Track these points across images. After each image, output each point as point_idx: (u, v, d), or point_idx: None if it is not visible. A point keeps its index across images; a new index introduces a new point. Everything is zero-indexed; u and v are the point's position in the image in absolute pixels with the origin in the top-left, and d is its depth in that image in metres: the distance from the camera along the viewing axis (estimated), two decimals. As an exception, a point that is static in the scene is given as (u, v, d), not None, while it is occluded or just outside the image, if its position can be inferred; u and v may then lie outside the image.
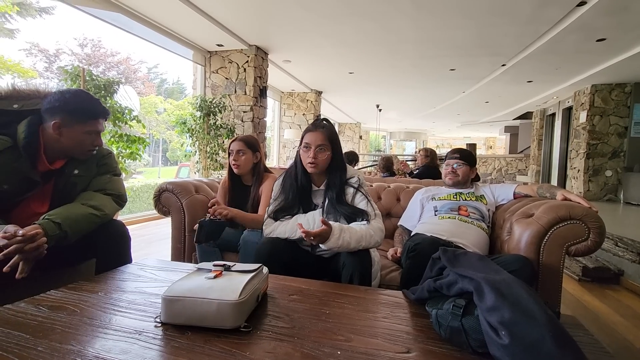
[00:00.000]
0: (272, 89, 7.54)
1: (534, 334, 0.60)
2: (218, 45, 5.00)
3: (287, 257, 1.31)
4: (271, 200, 1.50)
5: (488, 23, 4.03)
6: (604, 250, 3.00)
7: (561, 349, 0.58)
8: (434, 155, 4.19)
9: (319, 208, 1.44)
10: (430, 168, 4.00)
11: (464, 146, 5.46)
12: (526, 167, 10.70)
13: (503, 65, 5.66)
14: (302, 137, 1.43)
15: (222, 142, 4.92)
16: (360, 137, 13.70)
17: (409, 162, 5.89)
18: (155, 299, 0.92)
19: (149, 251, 3.06)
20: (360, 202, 1.40)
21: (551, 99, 8.19)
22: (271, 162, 8.34)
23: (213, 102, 4.82)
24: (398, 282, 1.46)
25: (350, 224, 1.34)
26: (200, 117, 4.76)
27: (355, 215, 1.36)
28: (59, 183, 1.28)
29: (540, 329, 0.60)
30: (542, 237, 1.33)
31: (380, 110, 10.38)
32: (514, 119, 11.51)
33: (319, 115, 8.25)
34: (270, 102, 7.77)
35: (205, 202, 1.95)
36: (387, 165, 4.17)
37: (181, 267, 1.26)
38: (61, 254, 1.19)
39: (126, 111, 3.41)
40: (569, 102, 7.70)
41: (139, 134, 3.65)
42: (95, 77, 3.27)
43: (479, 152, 14.60)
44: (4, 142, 1.16)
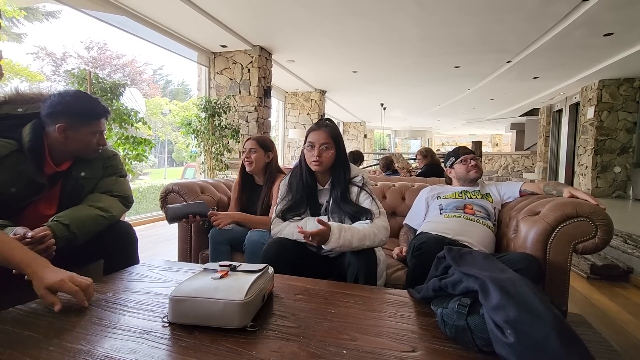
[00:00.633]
0: (276, 89, 7.55)
1: (539, 333, 0.60)
2: (222, 46, 5.02)
3: (293, 257, 1.32)
4: (278, 200, 1.51)
5: (492, 19, 4.00)
6: (613, 248, 2.97)
7: (567, 347, 0.57)
8: (431, 153, 4.27)
9: (324, 208, 1.44)
10: (433, 166, 4.03)
11: (470, 144, 5.43)
12: (533, 164, 10.61)
13: (508, 61, 5.62)
14: (306, 137, 1.45)
15: (227, 143, 4.95)
16: (365, 136, 13.68)
17: (410, 162, 5.94)
18: (162, 299, 0.93)
19: (156, 252, 3.09)
20: (365, 200, 1.40)
21: (558, 95, 8.10)
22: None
23: (218, 103, 4.85)
24: (403, 281, 1.46)
25: (355, 223, 1.35)
26: (205, 118, 4.79)
27: (360, 214, 1.37)
28: (66, 186, 1.30)
29: (546, 327, 0.60)
30: (549, 235, 1.32)
31: (384, 108, 10.35)
32: (520, 116, 11.40)
33: (323, 115, 8.25)
34: (275, 102, 7.80)
35: (211, 203, 1.96)
36: (387, 164, 4.41)
37: (188, 267, 1.28)
38: (69, 255, 1.21)
39: (132, 113, 3.44)
40: (576, 97, 7.61)
41: (145, 136, 3.69)
42: (101, 80, 3.31)
43: (484, 149, 14.49)
44: (10, 145, 1.17)
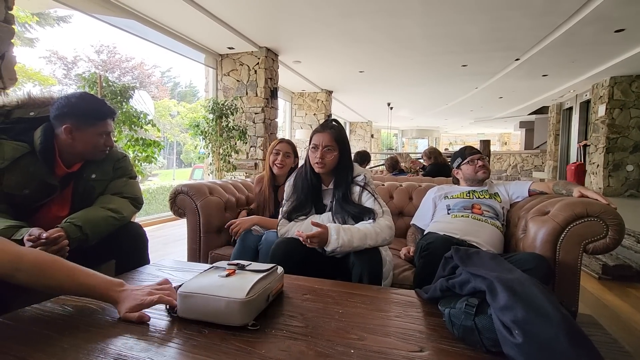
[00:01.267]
0: (282, 90, 7.58)
1: (548, 333, 0.60)
2: (229, 48, 5.07)
3: (301, 256, 1.33)
4: (284, 200, 1.53)
5: (500, 17, 3.96)
6: (625, 248, 2.92)
7: (576, 348, 0.57)
8: (435, 153, 4.26)
9: (328, 209, 1.45)
10: (438, 165, 4.01)
11: (478, 143, 5.38)
12: (542, 163, 10.46)
13: (517, 59, 5.56)
14: (311, 138, 1.46)
15: (235, 144, 4.99)
16: (372, 136, 13.65)
17: (419, 159, 5.91)
18: (173, 299, 0.95)
19: (165, 252, 3.13)
20: (367, 200, 1.41)
21: (568, 93, 7.98)
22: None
23: (225, 104, 4.89)
24: (411, 281, 1.46)
25: (358, 223, 1.36)
26: (212, 120, 4.84)
27: (362, 214, 1.37)
28: (77, 187, 1.32)
29: (554, 327, 0.60)
30: (558, 235, 1.30)
31: (391, 108, 10.31)
32: (529, 114, 11.26)
33: (329, 115, 8.25)
34: (281, 103, 7.83)
35: (219, 204, 1.99)
36: (393, 165, 4.41)
37: (197, 267, 1.29)
38: (82, 256, 1.23)
39: (141, 115, 3.49)
40: (586, 95, 7.49)
41: (154, 138, 3.74)
42: (112, 83, 3.36)
43: (493, 148, 14.33)
44: (23, 148, 1.21)
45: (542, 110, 10.41)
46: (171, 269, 1.23)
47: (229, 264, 0.95)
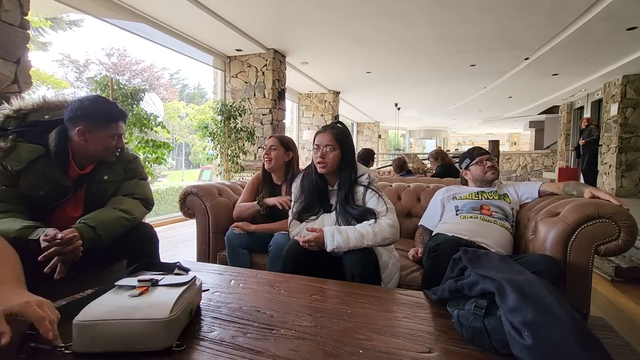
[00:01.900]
0: (290, 91, 7.61)
1: (558, 335, 0.60)
2: (237, 50, 5.11)
3: (313, 258, 1.34)
4: (292, 202, 1.54)
5: (509, 16, 3.92)
6: (639, 250, 2.86)
7: (586, 351, 0.57)
8: (442, 154, 4.22)
9: (334, 210, 1.46)
10: (446, 166, 3.98)
11: (486, 143, 5.33)
12: (553, 163, 10.31)
13: (526, 59, 5.49)
14: (314, 139, 1.48)
15: (243, 145, 5.02)
16: (379, 137, 13.61)
17: (425, 162, 5.89)
18: (183, 298, 0.96)
19: (175, 252, 3.16)
20: (371, 199, 1.42)
21: (579, 92, 7.86)
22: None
23: (233, 106, 4.93)
24: (419, 282, 1.45)
25: (359, 224, 1.37)
26: (221, 121, 4.88)
27: (364, 216, 1.38)
28: (90, 189, 1.35)
29: (565, 329, 0.59)
30: (569, 237, 1.29)
31: (399, 108, 10.27)
32: (539, 114, 11.11)
33: (336, 116, 8.26)
34: (289, 104, 7.86)
35: (228, 205, 2.01)
36: (400, 165, 4.40)
37: (206, 267, 1.31)
38: (95, 256, 1.26)
39: (151, 117, 3.54)
40: (598, 94, 7.37)
41: (163, 139, 3.78)
42: (122, 86, 3.42)
43: (502, 148, 14.17)
44: (38, 150, 1.24)
45: (553, 110, 10.27)
46: (181, 269, 1.25)
47: (139, 280, 0.82)
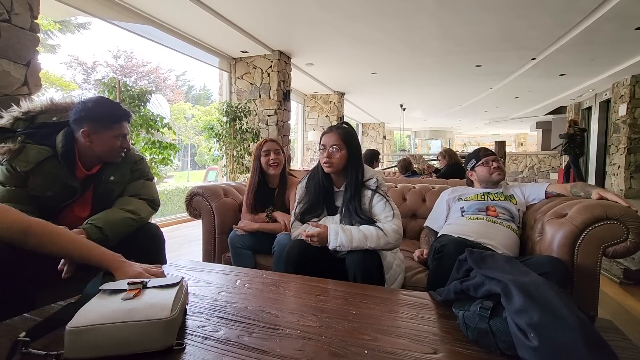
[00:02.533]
0: (295, 92, 7.63)
1: (564, 337, 0.59)
2: (243, 51, 5.14)
3: (315, 258, 1.34)
4: (296, 202, 1.54)
5: (515, 16, 3.89)
6: (648, 252, 2.81)
7: (593, 353, 0.56)
8: (451, 153, 4.21)
9: (339, 212, 1.46)
10: (454, 165, 3.97)
11: (492, 144, 5.30)
12: (560, 164, 10.20)
13: (533, 59, 5.45)
14: (320, 140, 1.49)
15: (248, 146, 5.05)
16: (385, 137, 13.58)
17: (432, 162, 5.86)
18: (190, 298, 0.97)
19: (180, 252, 3.18)
20: (378, 203, 1.41)
21: (587, 92, 7.78)
22: (295, 164, 8.45)
23: (239, 107, 4.96)
24: (424, 283, 1.45)
25: (365, 225, 1.37)
26: (226, 122, 4.91)
27: (368, 221, 1.39)
28: (97, 189, 1.37)
29: (571, 331, 0.59)
30: (576, 238, 1.28)
31: (404, 109, 10.25)
32: (546, 114, 11.02)
33: (342, 117, 8.27)
34: (294, 105, 7.87)
35: (234, 205, 2.02)
36: (406, 166, 4.39)
37: (213, 267, 1.32)
38: (103, 256, 1.28)
39: (158, 119, 3.57)
40: (606, 94, 7.28)
41: (170, 140, 3.81)
42: (130, 88, 3.46)
43: (508, 149, 14.04)
44: (45, 152, 1.26)
45: (560, 110, 10.17)
46: (188, 269, 1.26)
47: (129, 284, 0.80)
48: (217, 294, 1.02)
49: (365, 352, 0.71)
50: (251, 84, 5.37)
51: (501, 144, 5.17)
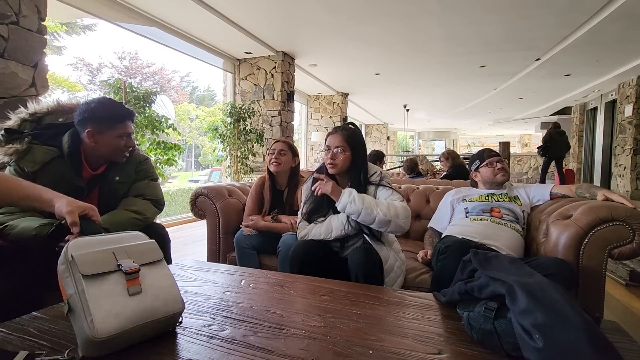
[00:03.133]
0: (299, 93, 7.65)
1: (569, 338, 0.59)
2: (247, 52, 5.16)
3: (320, 258, 1.35)
4: (302, 203, 1.55)
5: (520, 16, 3.88)
6: (655, 254, 2.79)
7: (598, 354, 0.56)
8: (453, 154, 4.19)
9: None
10: (457, 167, 3.95)
11: (497, 145, 5.27)
12: (565, 165, 10.13)
13: (537, 59, 5.42)
14: (325, 141, 1.50)
15: (252, 147, 5.07)
16: (388, 138, 13.55)
17: (434, 163, 5.84)
18: (195, 298, 0.98)
19: (185, 252, 3.20)
20: (381, 191, 1.43)
21: (592, 93, 7.72)
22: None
23: (243, 108, 4.98)
24: (428, 284, 1.45)
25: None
26: (230, 123, 4.93)
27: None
28: (103, 190, 1.39)
29: (576, 332, 0.59)
30: (582, 240, 1.27)
31: (407, 110, 10.22)
32: (551, 115, 10.93)
33: (345, 118, 8.27)
34: (297, 106, 7.89)
35: (238, 206, 2.03)
36: (412, 167, 4.36)
37: (218, 267, 1.33)
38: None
39: (163, 119, 3.60)
40: (612, 95, 7.23)
41: (174, 141, 3.84)
42: (135, 89, 3.48)
43: (513, 150, 13.98)
44: (52, 152, 1.28)
45: (565, 111, 10.10)
46: (193, 268, 1.27)
47: (126, 273, 0.74)
48: (223, 293, 1.03)
49: (370, 352, 0.72)
50: (255, 84, 5.39)
51: (505, 145, 5.15)
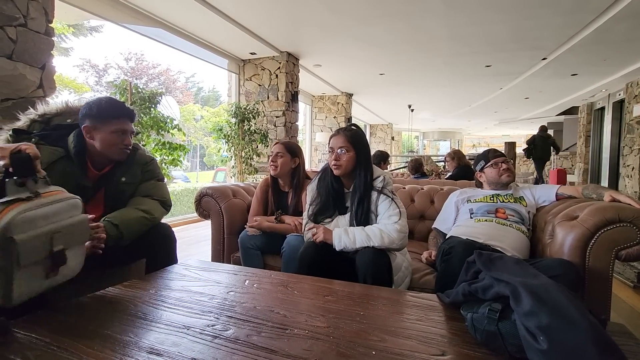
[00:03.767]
0: (303, 94, 7.65)
1: (574, 340, 0.59)
2: (251, 53, 5.18)
3: (329, 259, 1.36)
4: (307, 204, 1.55)
5: (525, 16, 3.85)
6: (663, 255, 2.75)
7: (604, 356, 0.56)
8: (459, 154, 4.16)
9: (349, 212, 1.47)
10: (463, 167, 3.93)
11: (502, 145, 5.24)
12: (572, 165, 10.04)
13: (544, 59, 5.37)
14: (329, 142, 1.50)
15: (256, 147, 5.08)
16: (393, 138, 13.52)
17: (439, 164, 5.81)
18: (200, 297, 0.99)
19: (189, 252, 3.22)
20: (382, 202, 1.42)
21: (599, 92, 7.64)
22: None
23: (247, 108, 5.00)
24: (432, 285, 1.44)
25: (369, 225, 1.40)
26: (235, 124, 4.95)
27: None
28: (109, 190, 1.40)
29: (581, 334, 0.59)
30: (588, 241, 1.26)
31: (412, 110, 10.19)
32: (558, 115, 10.84)
33: (349, 118, 8.26)
34: (302, 106, 7.89)
35: (242, 206, 2.04)
36: (416, 167, 4.34)
37: (222, 267, 1.34)
38: (115, 255, 1.30)
39: (168, 120, 3.62)
40: (620, 94, 7.14)
41: (179, 141, 3.86)
42: (141, 90, 3.51)
43: (519, 150, 13.84)
44: (58, 152, 1.30)
45: (572, 111, 10.00)
46: (198, 268, 1.28)
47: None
48: (227, 293, 1.03)
49: (373, 352, 0.72)
50: (259, 85, 5.41)
51: (511, 145, 5.12)
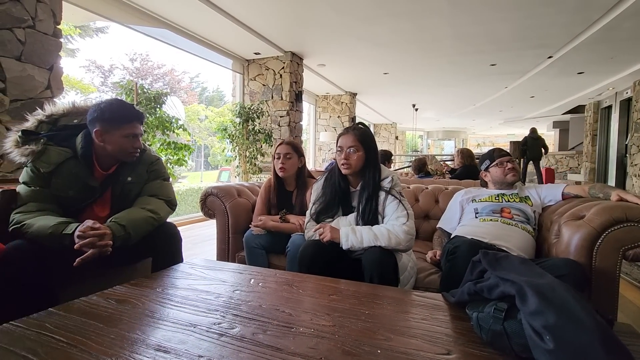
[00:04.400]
0: (307, 93, 7.66)
1: (580, 339, 0.59)
2: (255, 53, 5.19)
3: (329, 259, 1.36)
4: (311, 202, 1.56)
5: (531, 14, 3.82)
6: (672, 255, 2.72)
7: (611, 356, 0.56)
8: (468, 154, 4.17)
9: (355, 211, 1.47)
10: (468, 167, 3.92)
11: (507, 144, 5.21)
12: (579, 164, 9.95)
13: (549, 57, 5.33)
14: (337, 142, 1.50)
15: (261, 147, 5.10)
16: (397, 138, 13.48)
17: (447, 162, 5.78)
18: (205, 296, 1.00)
19: (194, 252, 3.23)
20: (390, 203, 1.42)
21: (606, 91, 7.56)
22: (307, 165, 8.47)
23: (251, 108, 5.01)
24: (437, 284, 1.44)
25: (377, 225, 1.40)
26: (239, 123, 4.97)
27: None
28: (115, 190, 1.41)
29: (588, 334, 0.58)
30: (595, 241, 1.25)
31: (416, 109, 10.16)
32: (564, 114, 10.74)
33: (354, 118, 8.25)
34: (306, 106, 7.91)
35: (247, 205, 2.05)
36: (420, 167, 4.34)
37: (227, 266, 1.34)
38: (123, 254, 1.32)
39: (173, 120, 3.64)
40: (627, 93, 7.07)
41: (184, 141, 3.89)
42: (146, 90, 3.54)
43: (524, 149, 13.73)
44: (66, 153, 1.32)
45: (578, 110, 9.91)
46: (203, 267, 1.29)
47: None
48: (232, 292, 1.04)
49: (379, 351, 0.72)
50: (264, 85, 5.42)
51: (516, 145, 5.08)
